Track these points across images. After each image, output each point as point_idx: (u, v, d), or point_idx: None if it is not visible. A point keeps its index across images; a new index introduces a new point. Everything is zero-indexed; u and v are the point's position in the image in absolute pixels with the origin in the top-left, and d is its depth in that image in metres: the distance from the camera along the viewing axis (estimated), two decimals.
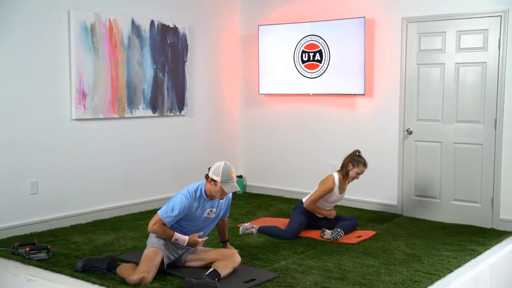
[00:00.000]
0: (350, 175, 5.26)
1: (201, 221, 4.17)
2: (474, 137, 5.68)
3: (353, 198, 6.49)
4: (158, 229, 4.03)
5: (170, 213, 4.00)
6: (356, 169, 5.24)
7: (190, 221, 4.12)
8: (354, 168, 5.24)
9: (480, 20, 5.56)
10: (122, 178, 6.09)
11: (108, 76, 5.82)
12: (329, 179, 5.29)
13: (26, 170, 5.28)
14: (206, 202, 4.11)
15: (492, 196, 5.60)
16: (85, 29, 5.58)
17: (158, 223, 4.03)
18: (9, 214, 5.15)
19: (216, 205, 4.21)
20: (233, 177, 4.01)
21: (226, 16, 7.25)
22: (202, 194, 4.08)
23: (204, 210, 4.12)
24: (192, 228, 4.15)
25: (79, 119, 5.63)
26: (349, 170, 5.25)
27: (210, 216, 4.20)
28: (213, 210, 4.19)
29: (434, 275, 4.09)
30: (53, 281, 4.01)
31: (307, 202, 5.29)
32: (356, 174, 5.26)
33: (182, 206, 3.98)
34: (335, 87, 6.52)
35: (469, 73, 5.68)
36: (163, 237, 4.06)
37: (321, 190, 5.25)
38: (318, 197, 5.25)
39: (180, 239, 4.06)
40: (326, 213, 5.34)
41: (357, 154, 5.30)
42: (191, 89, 6.78)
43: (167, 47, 6.41)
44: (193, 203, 4.03)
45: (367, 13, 6.27)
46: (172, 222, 4.03)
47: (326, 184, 5.26)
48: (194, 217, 4.10)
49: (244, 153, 7.55)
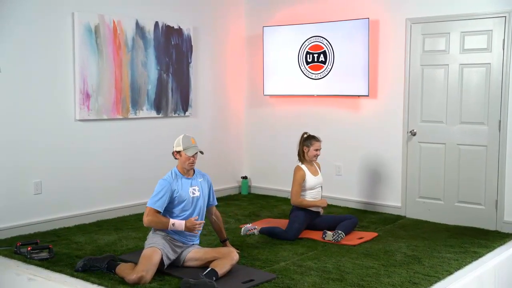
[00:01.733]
0: (310, 156, 5.35)
1: (190, 202, 4.28)
2: (478, 138, 5.64)
3: (357, 199, 6.48)
4: (153, 218, 4.12)
5: (155, 198, 4.16)
6: (311, 148, 5.35)
7: (179, 205, 4.23)
8: (310, 148, 5.35)
9: (484, 21, 5.53)
10: (126, 179, 6.12)
11: (112, 77, 5.86)
12: (296, 168, 5.39)
13: (30, 170, 5.32)
14: (185, 180, 4.30)
15: (496, 198, 5.56)
16: (89, 31, 5.62)
17: (150, 213, 4.13)
18: (13, 214, 5.21)
19: (196, 184, 4.36)
20: (193, 143, 4.31)
21: (231, 18, 7.27)
22: (177, 173, 4.32)
23: (186, 189, 4.27)
24: (184, 214, 4.25)
25: (83, 120, 5.67)
26: (306, 153, 5.35)
27: (196, 194, 4.32)
28: (195, 188, 4.34)
29: (434, 277, 4.07)
30: (53, 280, 4.05)
31: (292, 199, 5.35)
32: (314, 152, 5.35)
33: (164, 186, 4.18)
34: (339, 88, 6.51)
35: (473, 74, 5.65)
36: (160, 226, 4.14)
37: (295, 181, 5.34)
38: (297, 187, 5.31)
39: (177, 224, 4.15)
40: (318, 203, 5.36)
41: (304, 136, 5.41)
42: (195, 90, 6.80)
43: (172, 48, 6.44)
44: (173, 182, 4.23)
45: (371, 14, 6.26)
46: (162, 205, 4.15)
47: (296, 174, 5.35)
48: (180, 198, 4.24)
49: (248, 154, 7.56)
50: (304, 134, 5.43)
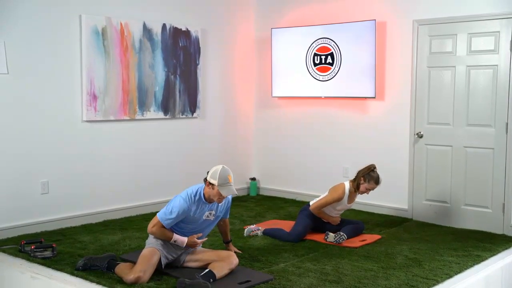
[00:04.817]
0: (361, 189, 5.21)
1: (200, 223, 4.21)
2: (485, 141, 5.58)
3: (363, 201, 6.45)
4: (157, 231, 4.09)
5: (169, 216, 4.05)
6: (367, 185, 5.18)
7: (189, 224, 4.16)
8: (365, 184, 5.18)
9: (492, 22, 5.47)
10: (133, 179, 6.18)
11: (119, 79, 5.93)
12: (340, 187, 5.24)
13: (37, 170, 5.41)
14: (205, 205, 4.15)
15: (503, 202, 5.49)
16: (96, 33, 5.69)
17: (157, 225, 4.09)
18: (20, 213, 5.30)
19: (215, 208, 4.24)
20: (230, 181, 4.03)
21: (240, 20, 7.29)
22: (201, 198, 4.11)
23: (202, 213, 4.16)
24: (191, 230, 4.19)
25: (90, 121, 5.75)
26: (360, 183, 5.20)
27: (209, 218, 4.24)
28: (212, 212, 4.22)
29: (432, 280, 4.04)
30: (54, 278, 4.11)
31: (314, 206, 5.27)
32: (365, 189, 5.20)
33: (181, 209, 4.03)
34: (346, 90, 6.49)
35: (480, 76, 5.59)
36: (163, 239, 4.12)
37: (330, 197, 5.22)
38: (326, 204, 5.22)
39: (179, 241, 4.11)
40: (331, 219, 5.32)
41: (372, 169, 5.21)
42: (203, 91, 6.85)
43: (179, 50, 6.49)
44: (192, 207, 4.07)
45: (378, 15, 6.23)
46: (171, 224, 4.08)
47: (336, 193, 5.21)
48: (193, 220, 4.15)
49: (257, 155, 7.58)
50: (372, 167, 5.21)
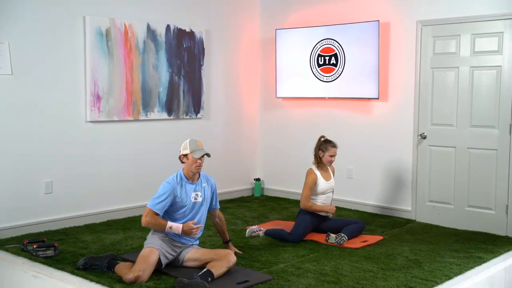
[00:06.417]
0: (324, 161, 5.32)
1: (191, 207, 4.30)
2: (489, 142, 5.55)
3: (366, 202, 6.45)
4: (151, 220, 4.17)
5: (157, 200, 4.18)
6: (327, 153, 5.30)
7: (179, 209, 4.26)
8: (325, 153, 5.31)
9: (495, 23, 5.45)
10: (137, 179, 6.21)
11: (123, 80, 5.96)
12: (308, 172, 5.36)
13: (41, 170, 5.46)
14: (189, 185, 4.29)
15: (506, 203, 5.46)
16: (100, 34, 5.73)
17: (149, 214, 4.17)
18: (24, 213, 5.34)
19: (200, 189, 4.36)
20: (200, 145, 4.32)
21: (244, 21, 7.31)
22: (182, 177, 4.32)
23: (188, 194, 4.28)
24: (183, 217, 4.28)
25: (94, 121, 5.79)
26: (321, 157, 5.31)
27: (198, 200, 4.33)
28: (198, 193, 4.34)
29: (431, 282, 4.03)
30: (54, 277, 4.14)
31: (302, 202, 5.33)
32: (329, 157, 5.31)
33: (167, 190, 4.19)
34: (349, 91, 6.49)
35: (483, 77, 5.56)
36: (158, 228, 4.19)
37: (306, 184, 5.31)
38: (308, 191, 5.29)
39: (174, 227, 4.18)
40: (326, 208, 5.34)
41: (322, 140, 5.36)
42: (207, 92, 6.87)
43: (183, 51, 6.52)
44: (176, 187, 4.24)
45: (382, 16, 6.22)
46: (162, 209, 4.18)
47: (308, 177, 5.32)
48: (181, 203, 4.25)
49: (261, 156, 7.59)
50: (321, 138, 5.39)
